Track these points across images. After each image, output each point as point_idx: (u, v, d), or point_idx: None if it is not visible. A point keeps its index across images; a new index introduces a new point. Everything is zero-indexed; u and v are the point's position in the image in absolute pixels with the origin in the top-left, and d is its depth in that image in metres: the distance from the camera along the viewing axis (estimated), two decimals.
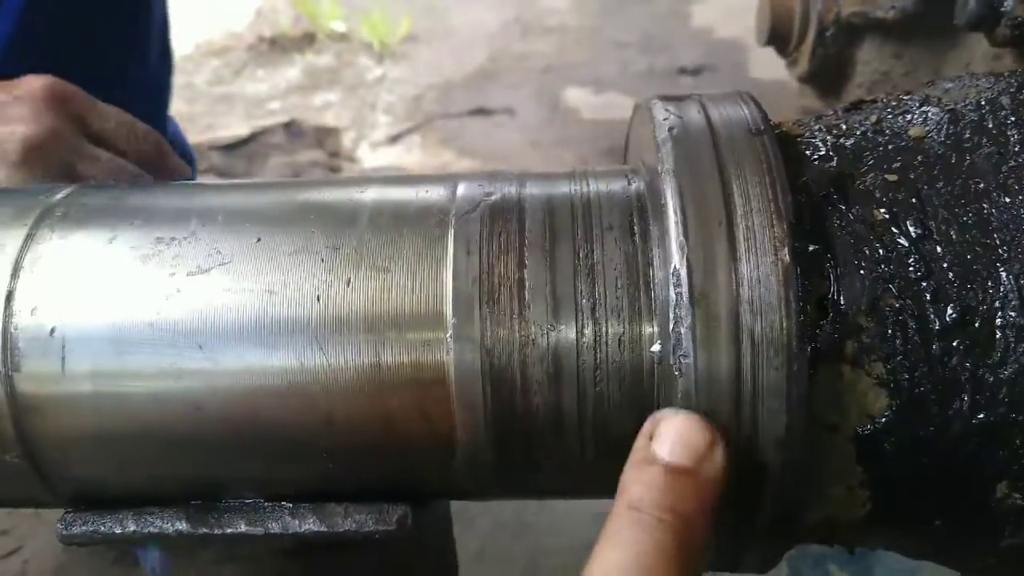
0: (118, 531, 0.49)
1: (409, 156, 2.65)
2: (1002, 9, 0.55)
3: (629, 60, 3.02)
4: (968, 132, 0.44)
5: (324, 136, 2.65)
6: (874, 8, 0.69)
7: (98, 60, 1.10)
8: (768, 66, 2.70)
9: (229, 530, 0.49)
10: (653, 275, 0.44)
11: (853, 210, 0.43)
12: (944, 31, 0.66)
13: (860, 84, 0.73)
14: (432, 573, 0.62)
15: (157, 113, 1.32)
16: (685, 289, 0.40)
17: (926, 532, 0.46)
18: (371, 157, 2.64)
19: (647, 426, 0.40)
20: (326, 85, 2.95)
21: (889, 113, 0.47)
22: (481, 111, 2.82)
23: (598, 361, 0.44)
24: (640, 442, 0.40)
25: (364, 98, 2.90)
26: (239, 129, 2.59)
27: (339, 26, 3.18)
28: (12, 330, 0.46)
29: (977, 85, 0.47)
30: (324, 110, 2.81)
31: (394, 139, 2.72)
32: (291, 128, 2.59)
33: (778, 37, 0.79)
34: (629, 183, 0.49)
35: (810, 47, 0.76)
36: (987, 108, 0.45)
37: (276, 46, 3.12)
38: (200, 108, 2.73)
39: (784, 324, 0.40)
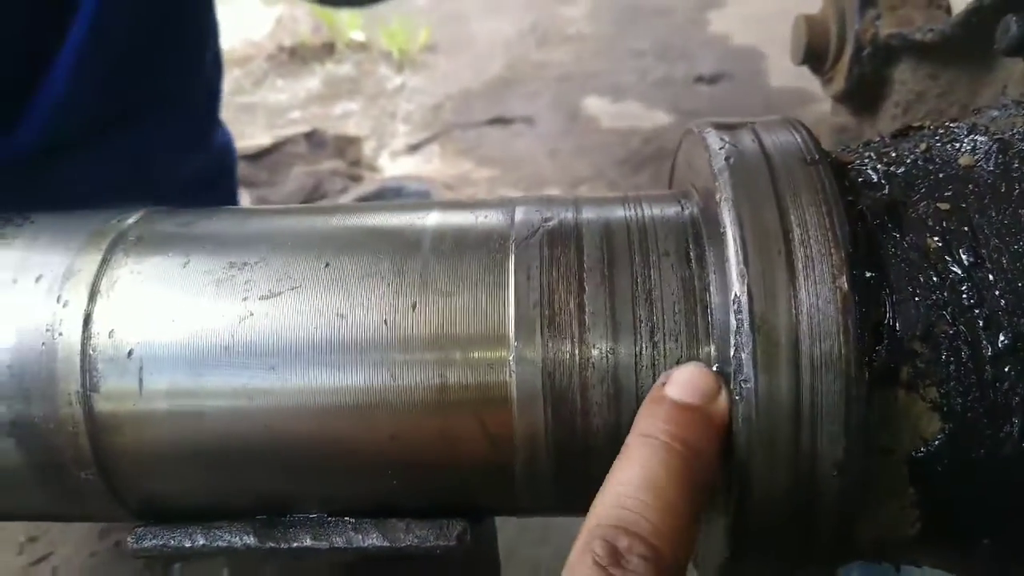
0: (188, 544, 0.51)
1: (428, 165, 2.67)
2: None
3: (647, 68, 3.03)
4: (1017, 162, 0.45)
5: (345, 145, 2.68)
6: (912, 30, 0.71)
7: (164, 66, 1.13)
8: (786, 74, 2.71)
9: (295, 544, 0.51)
10: (710, 300, 0.46)
11: (907, 238, 0.44)
12: (980, 54, 0.67)
13: (896, 103, 0.74)
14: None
15: (212, 117, 1.36)
16: (746, 315, 0.42)
17: (974, 552, 0.47)
18: (391, 166, 2.66)
19: (661, 378, 0.45)
20: (346, 94, 2.98)
21: (938, 141, 0.49)
22: (500, 120, 2.84)
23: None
24: (654, 388, 0.44)
25: (384, 107, 2.93)
26: (261, 139, 2.62)
27: (359, 35, 3.21)
28: (91, 352, 0.48)
29: (1023, 114, 0.48)
30: (344, 119, 2.84)
31: (413, 148, 2.74)
32: (312, 138, 2.62)
33: (814, 56, 0.80)
34: (683, 209, 0.51)
35: (846, 66, 0.77)
36: None
37: (296, 56, 3.15)
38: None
39: (843, 350, 0.41)
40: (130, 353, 0.48)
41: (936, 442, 0.43)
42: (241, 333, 0.47)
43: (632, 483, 0.40)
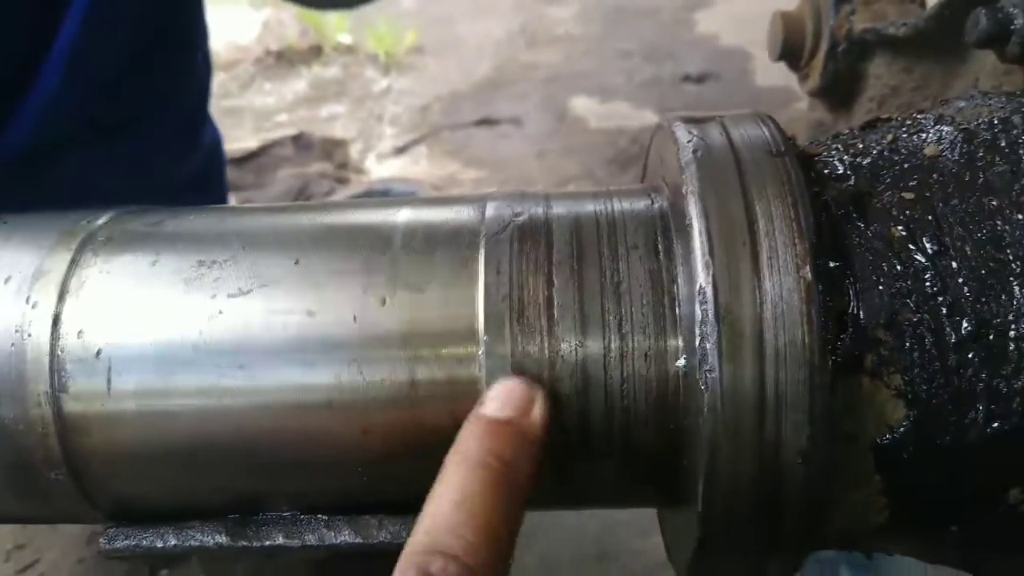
0: (160, 545, 0.51)
1: (416, 167, 2.67)
2: (1012, 27, 0.57)
3: (634, 69, 3.04)
4: (981, 151, 0.46)
5: (332, 148, 2.68)
6: (886, 25, 0.71)
7: (156, 66, 1.13)
8: (772, 74, 2.72)
9: (267, 542, 0.51)
10: (678, 292, 0.46)
11: (872, 227, 0.44)
12: (954, 47, 0.68)
13: (871, 98, 0.75)
14: None
15: (202, 116, 1.36)
16: (711, 306, 0.42)
17: (943, 538, 0.47)
18: (378, 168, 2.66)
19: (481, 397, 0.46)
20: (333, 97, 2.98)
21: (904, 132, 0.49)
22: (487, 121, 2.84)
23: (625, 375, 0.46)
24: (474, 408, 0.45)
25: (371, 110, 2.92)
26: (248, 142, 2.62)
27: (345, 38, 3.20)
28: (59, 352, 0.48)
29: (990, 104, 0.49)
30: (331, 122, 2.83)
31: (401, 150, 2.74)
32: (299, 140, 2.62)
33: (790, 52, 0.80)
34: (652, 202, 0.51)
35: (822, 62, 0.78)
36: (999, 127, 0.46)
37: (283, 59, 3.14)
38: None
39: (806, 339, 0.41)
40: (98, 353, 0.48)
41: (901, 429, 0.43)
42: (210, 331, 0.47)
43: (445, 504, 0.41)
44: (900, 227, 0.44)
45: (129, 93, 1.11)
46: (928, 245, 0.43)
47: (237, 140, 2.69)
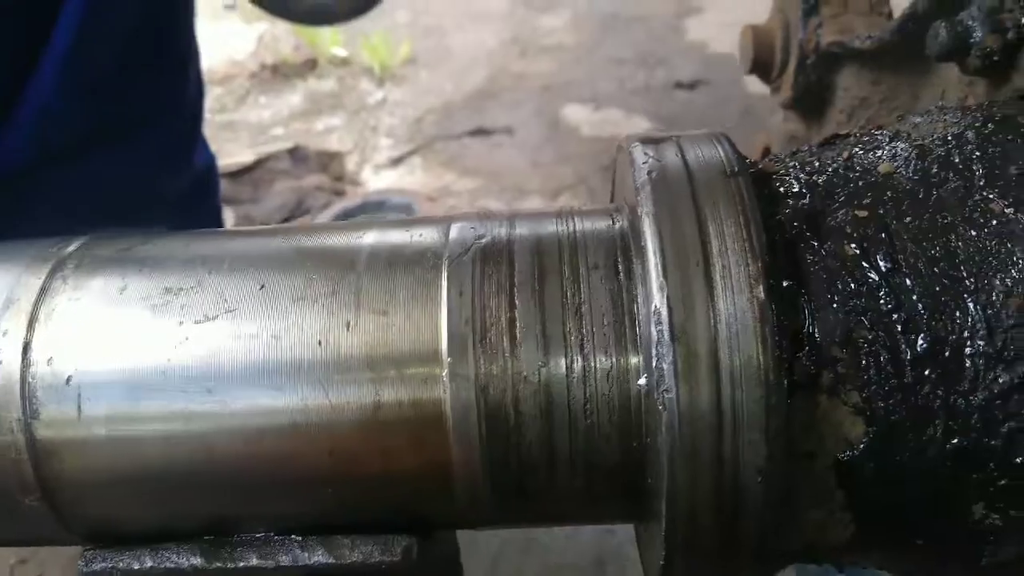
0: (136, 567, 0.52)
1: (411, 177, 2.69)
2: (972, 40, 0.58)
3: (626, 76, 3.05)
4: (936, 167, 0.46)
5: (328, 160, 2.69)
6: (852, 38, 0.72)
7: (148, 82, 1.13)
8: None
9: (242, 564, 0.51)
10: (637, 311, 0.46)
11: (825, 246, 0.45)
12: (919, 59, 0.68)
13: (841, 110, 0.75)
14: None
15: (195, 135, 1.36)
16: (666, 327, 0.42)
17: (911, 552, 0.47)
18: (374, 180, 2.67)
19: None
20: (328, 110, 2.99)
21: (860, 149, 0.49)
22: (481, 131, 2.86)
23: (588, 395, 0.46)
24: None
25: (366, 121, 2.94)
26: (244, 156, 2.63)
27: (340, 51, 3.22)
28: (30, 379, 0.48)
29: (945, 120, 0.49)
30: (327, 134, 2.85)
31: (396, 161, 2.76)
32: (295, 153, 2.63)
33: (761, 66, 0.81)
34: (613, 223, 0.51)
35: (792, 75, 0.78)
36: (953, 143, 0.47)
37: (278, 73, 3.16)
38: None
39: (761, 359, 0.42)
40: (68, 380, 0.48)
41: (861, 446, 0.43)
42: (177, 357, 0.48)
43: None
44: (853, 245, 0.44)
45: (121, 106, 1.12)
46: (881, 263, 0.44)
47: (233, 154, 2.70)
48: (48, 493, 0.50)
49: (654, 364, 0.43)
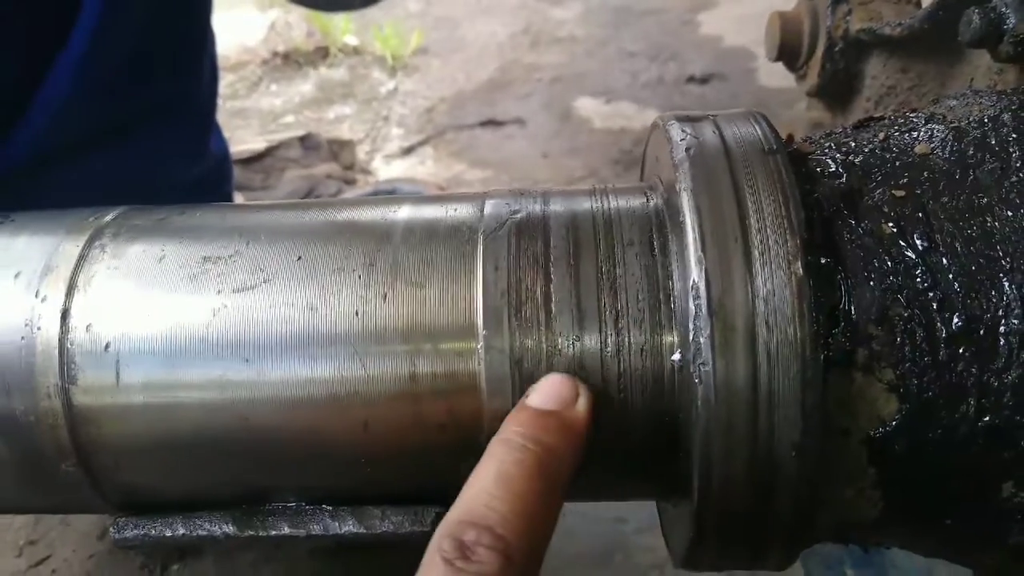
0: (168, 534, 0.52)
1: (422, 167, 2.69)
2: (1005, 27, 0.58)
3: (639, 69, 3.05)
4: (972, 149, 0.47)
5: (339, 149, 2.69)
6: (882, 25, 0.72)
7: (164, 74, 1.14)
8: (776, 74, 2.72)
9: (273, 532, 0.52)
10: (673, 288, 0.47)
11: (863, 224, 0.45)
12: (948, 47, 0.69)
13: (868, 98, 0.75)
14: None
15: (209, 125, 1.37)
16: (704, 301, 0.43)
17: (937, 531, 0.48)
18: (385, 169, 2.67)
19: (528, 391, 0.47)
20: (340, 99, 2.99)
21: (896, 131, 0.50)
22: (492, 122, 2.85)
23: (621, 370, 0.47)
24: (520, 400, 0.47)
25: (377, 111, 2.94)
26: (255, 143, 2.63)
27: (352, 40, 3.22)
28: (68, 345, 0.49)
29: (980, 103, 0.49)
30: (338, 123, 2.85)
31: (407, 151, 2.76)
32: (306, 141, 2.63)
33: (787, 52, 0.81)
34: (648, 200, 0.52)
35: (819, 62, 0.78)
36: (990, 125, 0.47)
37: (290, 61, 3.16)
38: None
39: (798, 334, 0.42)
40: (107, 347, 0.49)
41: (894, 423, 0.44)
42: (215, 326, 0.48)
43: (483, 481, 0.42)
44: (891, 224, 0.45)
45: (138, 97, 1.13)
46: (918, 242, 0.44)
47: (244, 142, 2.70)
48: (84, 459, 0.50)
49: (691, 338, 0.43)
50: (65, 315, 0.49)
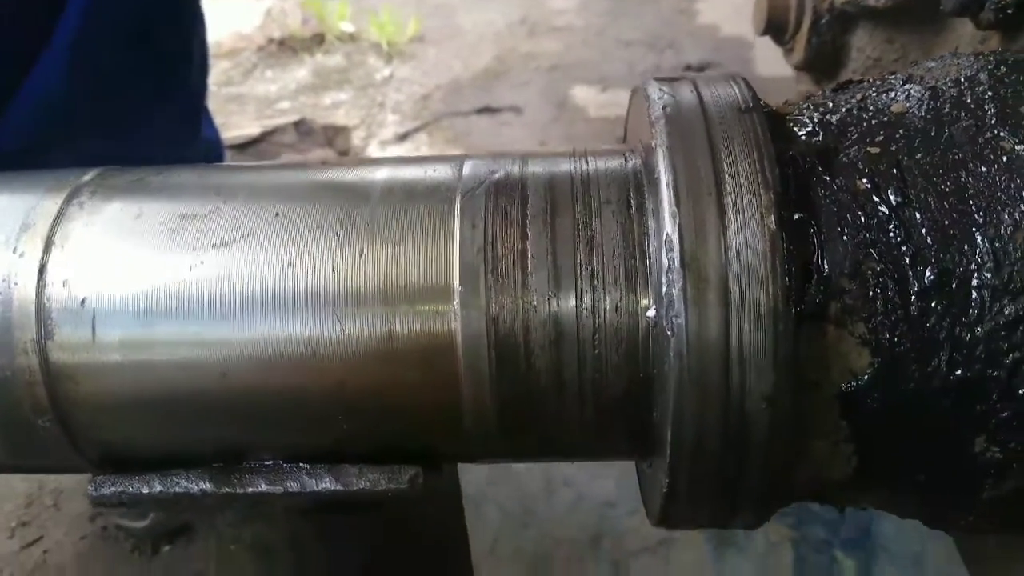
0: (145, 491, 0.52)
1: (417, 154, 2.68)
2: None
3: (635, 58, 3.04)
4: (948, 107, 0.47)
5: (334, 135, 2.68)
6: None
7: (154, 63, 1.13)
8: (773, 63, 2.72)
9: (250, 489, 0.52)
10: (648, 244, 0.47)
11: (837, 181, 0.45)
12: (932, 17, 0.69)
13: (854, 71, 0.75)
14: (442, 536, 0.65)
15: (199, 111, 1.37)
16: (677, 254, 0.43)
17: (911, 488, 0.48)
18: (380, 155, 2.67)
19: None
20: (335, 85, 2.98)
21: (874, 91, 0.50)
22: (488, 109, 2.85)
23: (596, 326, 0.47)
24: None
25: (373, 97, 2.93)
26: (250, 129, 2.62)
27: (348, 27, 3.21)
28: (45, 301, 0.49)
29: (958, 63, 0.49)
30: (334, 109, 2.84)
31: (403, 137, 2.75)
32: (301, 127, 2.63)
33: (775, 26, 0.81)
34: (626, 161, 0.52)
35: (806, 35, 0.78)
36: (966, 84, 0.47)
37: (285, 47, 3.15)
38: (211, 108, 2.76)
39: (771, 287, 0.42)
40: (83, 302, 0.49)
41: (866, 376, 0.44)
42: (192, 282, 0.48)
43: None
44: (865, 180, 0.45)
45: (127, 89, 1.12)
46: (892, 197, 0.44)
47: (239, 127, 2.70)
48: (61, 415, 0.50)
49: (664, 291, 0.43)
50: (42, 271, 0.49)
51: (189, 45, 1.29)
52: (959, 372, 0.43)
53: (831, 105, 0.50)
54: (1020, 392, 0.42)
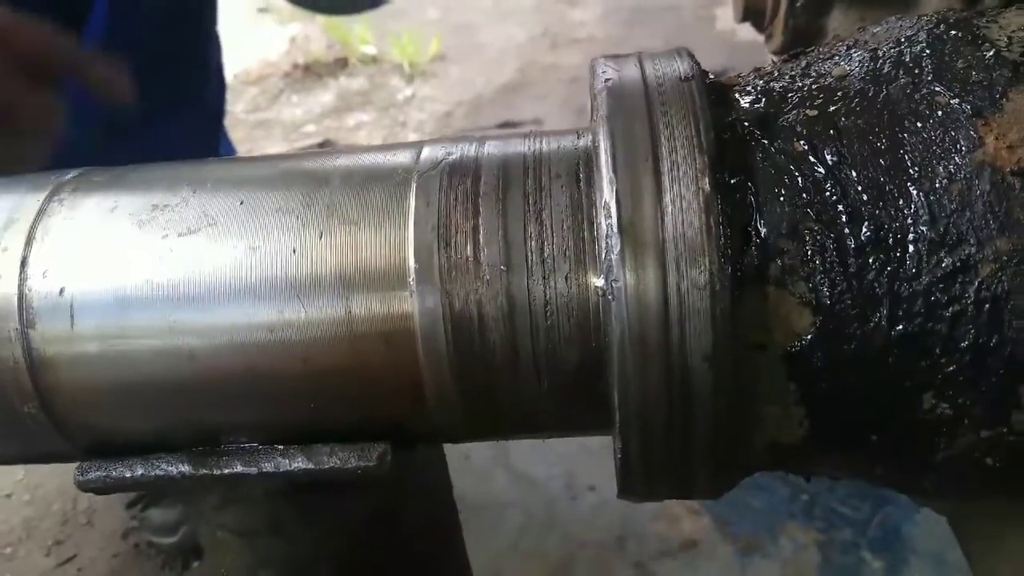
0: (128, 475, 0.54)
1: None
2: None
3: None
4: (887, 67, 0.47)
5: None
6: None
7: (173, 76, 1.17)
8: None
9: (227, 471, 0.54)
10: (596, 215, 0.48)
11: (775, 144, 0.46)
12: None
13: (823, 43, 0.76)
14: (426, 516, 0.66)
15: (216, 131, 1.42)
16: (615, 220, 0.44)
17: (865, 451, 0.48)
18: None
19: None
20: (359, 106, 3.05)
21: (818, 58, 0.50)
22: (509, 124, 2.88)
23: (548, 297, 0.48)
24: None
25: (395, 117, 2.99)
26: (276, 151, 2.69)
27: (370, 50, 3.28)
28: (27, 291, 0.52)
29: (901, 25, 0.50)
30: (357, 130, 2.90)
31: None
32: (324, 148, 2.68)
33: (753, 13, 0.82)
34: (578, 138, 0.53)
35: (783, 20, 0.79)
36: (905, 44, 0.47)
37: (310, 72, 3.23)
38: (239, 135, 2.84)
39: (706, 247, 0.43)
40: (62, 291, 0.51)
41: (808, 336, 0.44)
42: (162, 269, 0.51)
43: None
44: (802, 142, 0.45)
45: (147, 102, 1.17)
46: (829, 157, 0.45)
47: (265, 151, 2.77)
48: (46, 403, 0.53)
49: (603, 256, 0.44)
50: (24, 263, 0.52)
51: (206, 66, 1.33)
52: (900, 328, 0.43)
53: (776, 73, 0.50)
54: (962, 345, 0.42)
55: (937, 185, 0.42)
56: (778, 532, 1.63)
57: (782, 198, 0.45)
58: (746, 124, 0.47)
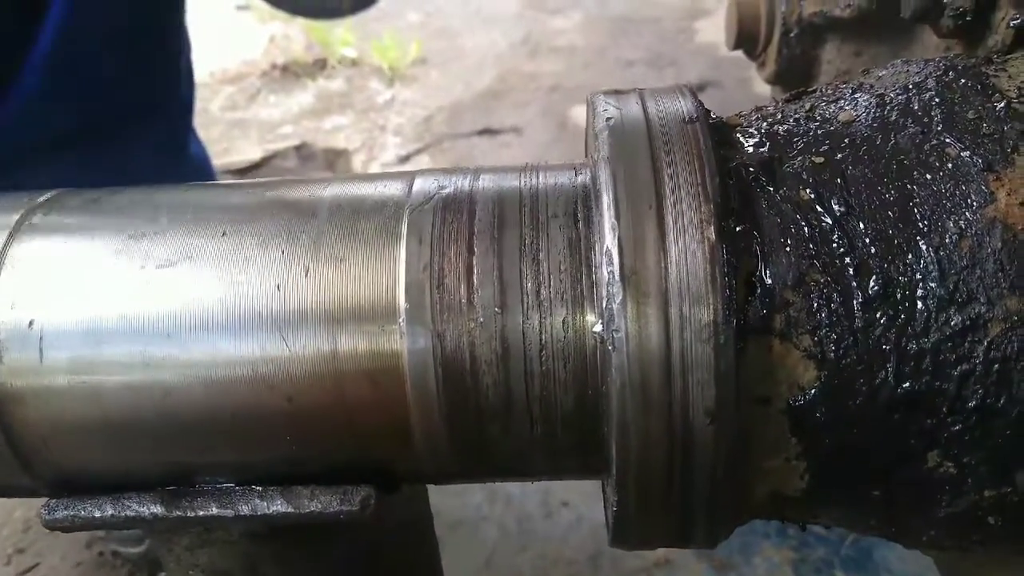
0: (97, 515, 0.52)
1: None
2: (944, 1, 0.57)
3: (636, 78, 3.05)
4: (895, 114, 0.46)
5: (334, 157, 2.70)
6: (832, 7, 0.72)
7: (138, 76, 1.14)
8: None
9: (201, 513, 0.51)
10: (594, 258, 0.46)
11: (780, 191, 0.44)
12: (900, 28, 0.68)
13: (825, 84, 0.75)
14: (408, 559, 0.64)
15: (186, 130, 1.38)
16: (616, 268, 0.42)
17: (867, 504, 0.47)
18: None
19: None
20: (337, 109, 3.01)
21: (823, 101, 0.49)
22: (489, 131, 2.86)
23: (543, 341, 0.46)
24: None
25: (374, 120, 2.95)
26: (252, 153, 2.65)
27: (350, 52, 3.24)
28: None
29: (908, 70, 0.49)
30: (335, 133, 2.86)
31: (404, 159, 2.76)
32: (302, 151, 2.65)
33: (746, 40, 0.81)
34: (576, 175, 0.51)
35: (776, 48, 0.78)
36: (913, 91, 0.47)
37: (289, 72, 3.18)
38: (215, 133, 2.79)
39: (710, 299, 0.41)
40: (31, 324, 0.49)
41: (813, 390, 0.43)
42: (138, 301, 0.48)
43: None
44: (808, 190, 0.44)
45: (109, 103, 1.13)
46: (836, 207, 0.43)
47: (241, 151, 2.72)
48: (11, 437, 0.50)
49: (604, 305, 0.43)
50: None
51: (175, 64, 1.29)
52: (907, 385, 0.42)
53: (780, 115, 0.49)
54: (970, 405, 0.41)
55: (947, 240, 0.41)
56: (752, 551, 1.63)
57: (788, 248, 0.43)
58: (751, 169, 0.45)
